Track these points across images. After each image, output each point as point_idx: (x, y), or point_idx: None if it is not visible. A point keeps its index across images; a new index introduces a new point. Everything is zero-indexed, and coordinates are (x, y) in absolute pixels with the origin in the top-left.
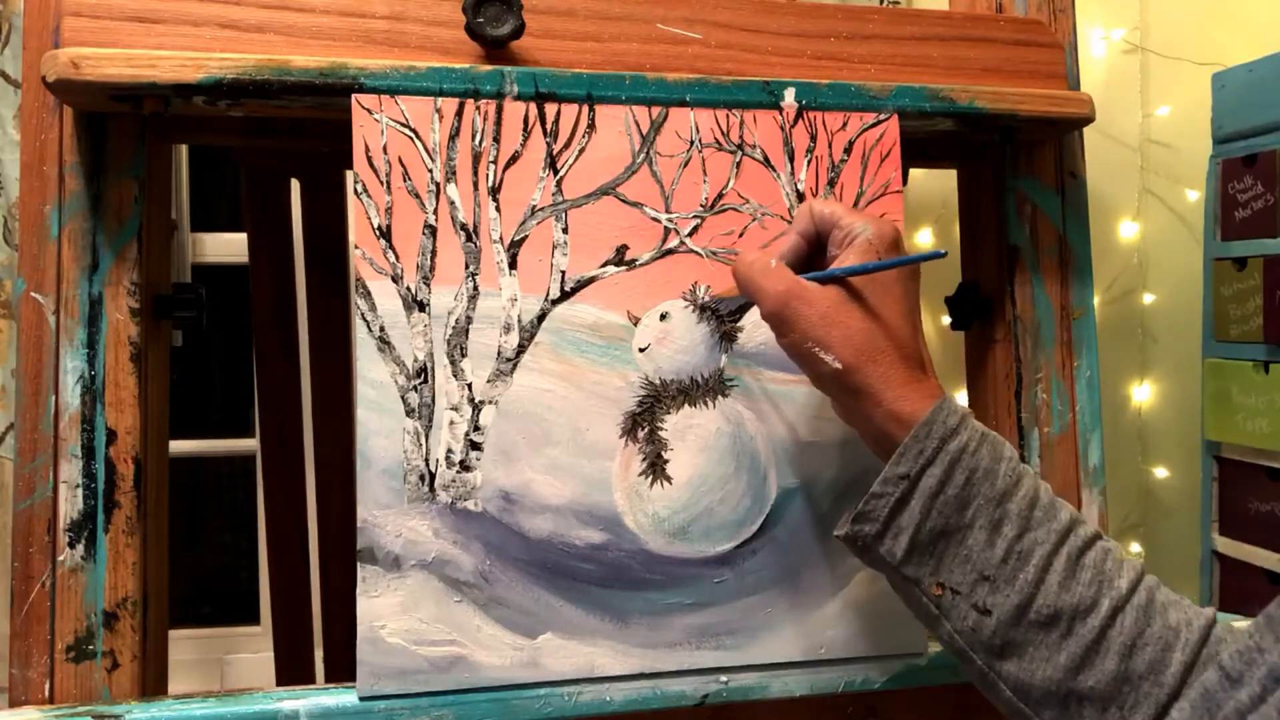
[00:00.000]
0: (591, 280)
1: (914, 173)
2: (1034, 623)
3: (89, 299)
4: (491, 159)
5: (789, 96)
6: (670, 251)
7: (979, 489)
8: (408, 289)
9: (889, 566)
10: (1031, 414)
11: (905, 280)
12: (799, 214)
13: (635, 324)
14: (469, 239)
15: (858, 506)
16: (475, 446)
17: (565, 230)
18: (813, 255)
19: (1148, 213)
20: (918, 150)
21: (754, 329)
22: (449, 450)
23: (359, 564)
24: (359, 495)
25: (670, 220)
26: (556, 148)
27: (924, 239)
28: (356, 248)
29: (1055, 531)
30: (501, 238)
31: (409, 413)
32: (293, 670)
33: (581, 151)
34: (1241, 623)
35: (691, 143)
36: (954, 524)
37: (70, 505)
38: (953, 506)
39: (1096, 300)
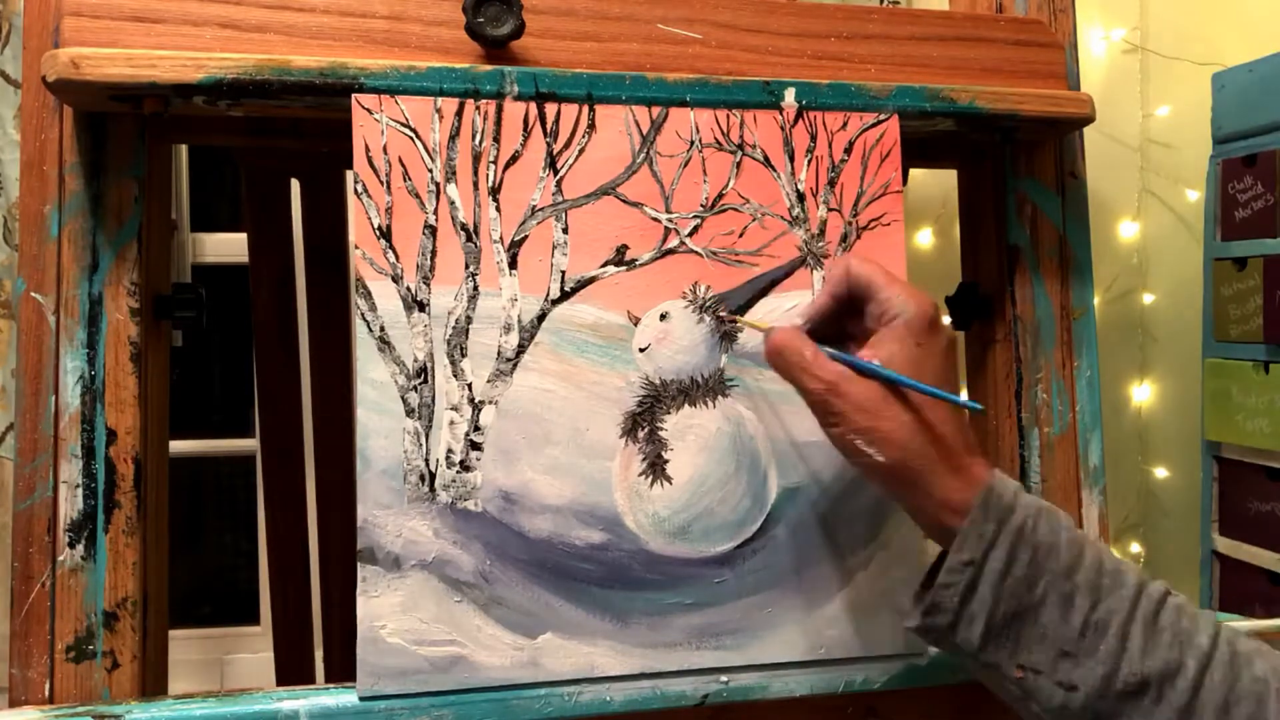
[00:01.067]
0: (591, 280)
1: (914, 173)
2: (1122, 693)
3: (89, 299)
4: (491, 159)
5: (789, 96)
6: (670, 251)
7: (1045, 565)
8: (408, 289)
9: (967, 655)
10: (1031, 414)
11: (943, 361)
12: (834, 274)
13: (635, 324)
14: (469, 239)
15: (925, 598)
16: (475, 446)
17: (565, 230)
18: (844, 313)
19: (1148, 213)
20: (918, 150)
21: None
22: (449, 450)
23: (359, 564)
24: (359, 495)
25: (670, 220)
26: (556, 148)
27: (924, 239)
28: (356, 248)
29: (1126, 598)
30: (501, 238)
31: (409, 413)
32: (293, 670)
33: (581, 151)
34: (1242, 623)
35: (691, 143)
36: (1025, 604)
37: (70, 505)
38: (1021, 587)
39: (1096, 300)
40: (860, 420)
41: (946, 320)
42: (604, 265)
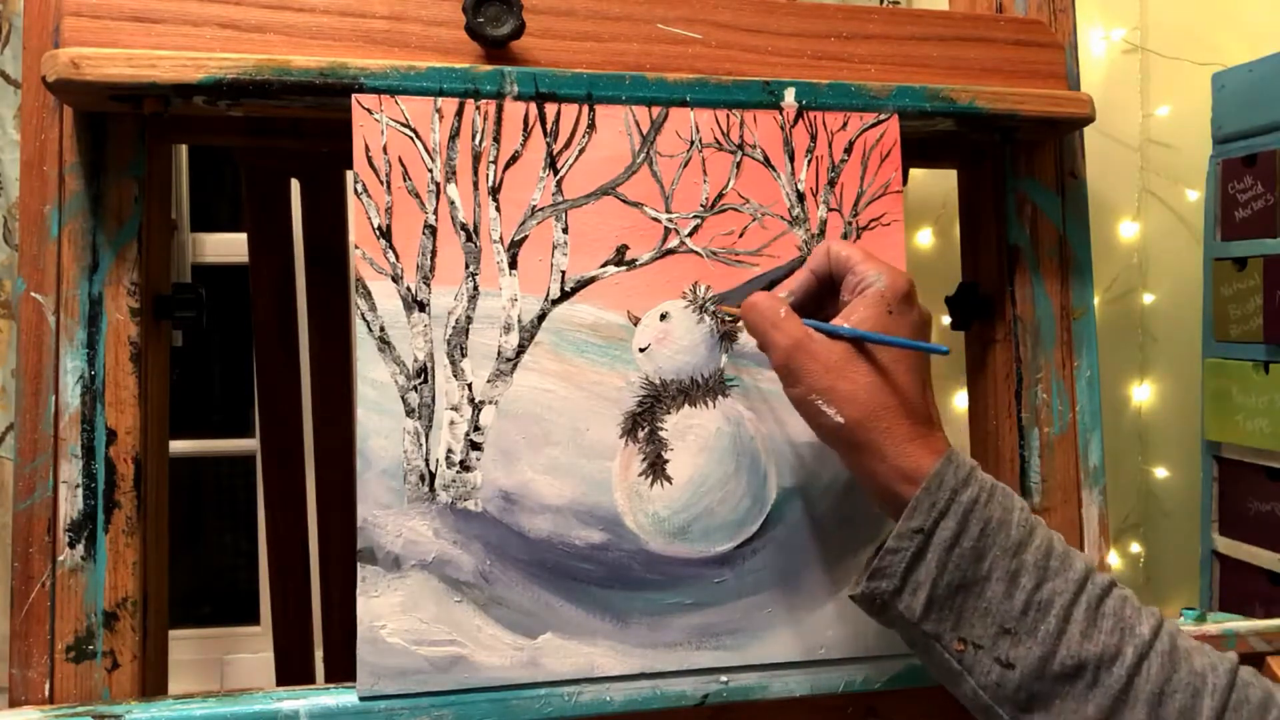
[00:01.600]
0: (591, 280)
1: (914, 173)
2: (1058, 675)
3: (89, 299)
4: (491, 159)
5: (789, 96)
6: (670, 251)
7: (994, 540)
8: (408, 289)
9: (908, 623)
10: (1032, 414)
11: (915, 335)
12: (816, 252)
13: (635, 324)
14: (469, 239)
15: (872, 563)
16: (475, 446)
17: (565, 230)
18: (825, 295)
19: (1148, 213)
20: (918, 150)
21: None
22: (449, 450)
23: (359, 564)
24: (359, 495)
25: (670, 220)
26: (556, 148)
27: (924, 239)
28: (356, 248)
29: (1073, 580)
30: (501, 238)
31: (409, 413)
32: (293, 670)
33: (581, 151)
34: (1242, 623)
35: (691, 143)
36: (971, 576)
37: (70, 505)
38: (969, 559)
39: (1096, 300)
40: (823, 379)
41: (946, 322)
42: (604, 265)
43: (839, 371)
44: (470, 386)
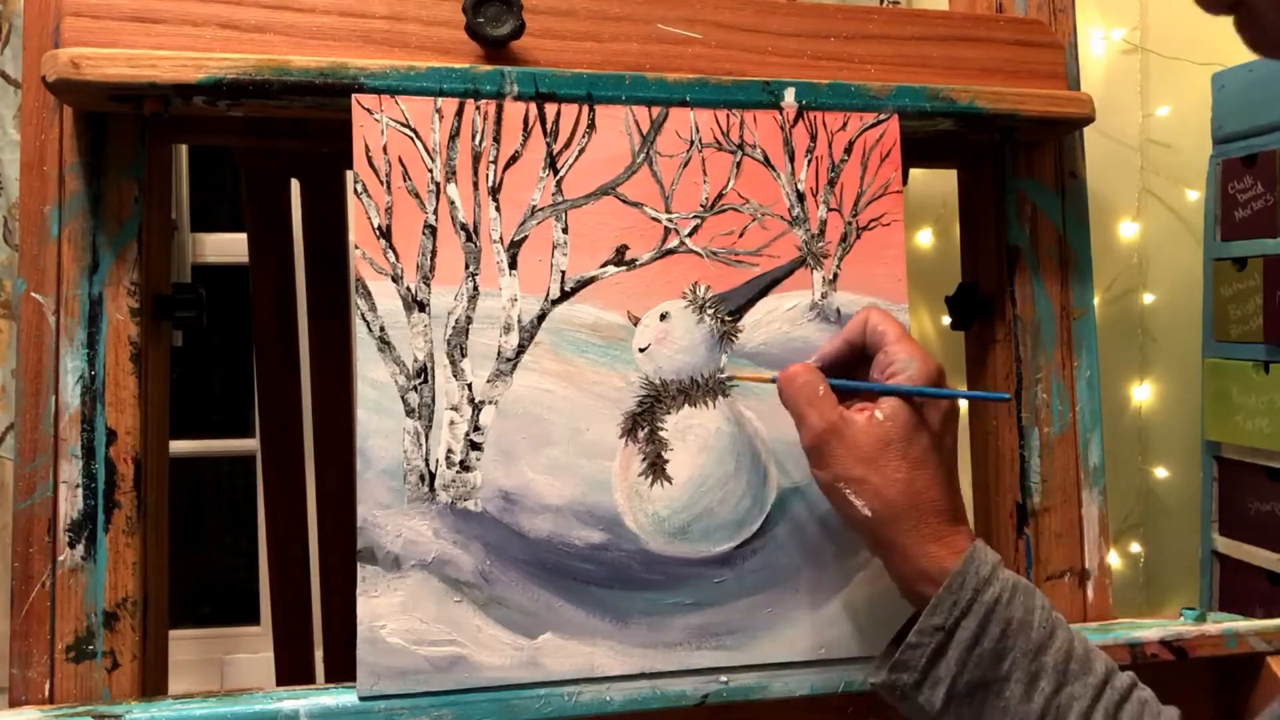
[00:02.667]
0: (591, 280)
1: (914, 173)
2: None
3: (89, 299)
4: (491, 159)
5: (789, 96)
6: (670, 251)
7: (1015, 641)
8: (408, 289)
9: (928, 715)
10: (1032, 414)
11: (946, 429)
12: (854, 320)
13: (635, 324)
14: (469, 239)
15: (894, 655)
16: (475, 446)
17: (565, 230)
18: (855, 363)
19: (1148, 213)
20: (918, 150)
21: (753, 329)
22: (449, 450)
23: (359, 564)
24: (359, 495)
25: (670, 220)
26: (556, 148)
27: (924, 239)
28: (356, 248)
29: (1092, 685)
30: (501, 238)
31: (409, 413)
32: (293, 670)
33: (581, 151)
34: (1242, 623)
35: (691, 143)
36: (990, 676)
37: (70, 505)
38: (989, 659)
39: (1096, 300)
40: (854, 468)
41: (946, 322)
42: (604, 265)
43: (871, 463)
44: (470, 386)
